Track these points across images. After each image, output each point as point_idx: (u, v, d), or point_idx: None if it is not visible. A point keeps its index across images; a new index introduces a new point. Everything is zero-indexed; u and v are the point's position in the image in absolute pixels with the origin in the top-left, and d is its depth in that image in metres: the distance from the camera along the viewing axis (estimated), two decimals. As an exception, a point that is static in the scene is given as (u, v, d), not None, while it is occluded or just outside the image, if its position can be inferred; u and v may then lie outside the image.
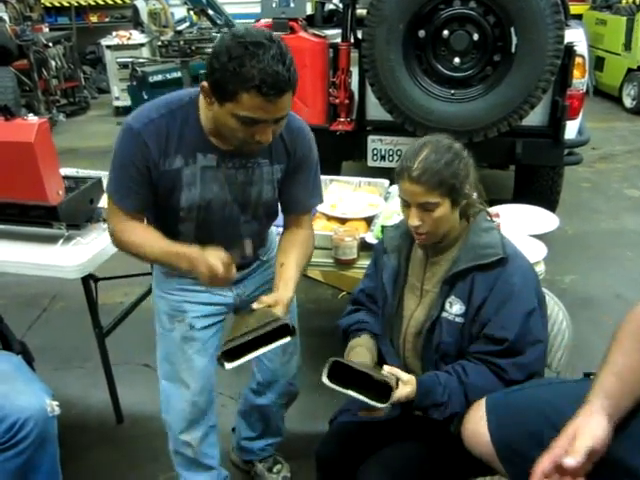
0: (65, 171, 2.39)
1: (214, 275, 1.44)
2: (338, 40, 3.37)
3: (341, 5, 3.61)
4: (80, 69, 8.54)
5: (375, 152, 3.44)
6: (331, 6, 4.64)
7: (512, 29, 2.84)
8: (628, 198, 4.91)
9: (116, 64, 7.61)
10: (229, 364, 1.41)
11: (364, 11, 3.10)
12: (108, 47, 7.86)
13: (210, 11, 6.56)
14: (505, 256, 1.47)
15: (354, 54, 3.29)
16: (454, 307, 1.50)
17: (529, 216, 2.37)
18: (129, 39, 7.84)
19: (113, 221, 1.60)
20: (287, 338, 1.45)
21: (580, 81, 3.28)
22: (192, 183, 1.54)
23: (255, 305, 1.51)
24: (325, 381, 1.42)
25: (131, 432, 2.50)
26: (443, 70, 3.03)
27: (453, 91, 3.03)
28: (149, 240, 1.57)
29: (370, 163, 3.49)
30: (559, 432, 1.22)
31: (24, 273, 2.13)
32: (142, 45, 7.81)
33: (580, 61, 3.23)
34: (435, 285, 1.56)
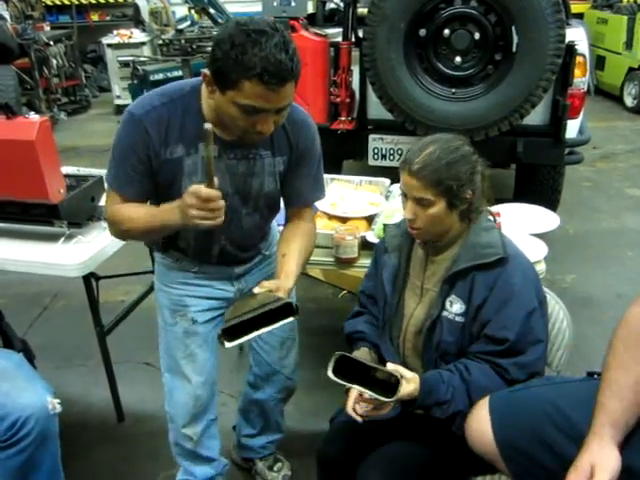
0: (66, 169, 2.39)
1: (199, 200, 1.33)
2: (339, 39, 3.38)
3: (342, 4, 3.61)
4: (81, 68, 8.54)
5: (376, 151, 3.44)
6: (332, 5, 4.65)
7: (513, 28, 2.84)
8: (629, 197, 4.91)
9: (117, 63, 7.61)
10: (229, 343, 1.39)
11: (365, 10, 3.10)
12: (109, 46, 7.88)
13: (211, 10, 6.55)
14: (505, 256, 1.47)
15: (355, 53, 3.30)
16: (454, 306, 1.50)
17: (530, 215, 2.37)
18: (130, 38, 7.86)
19: (108, 206, 1.58)
20: (290, 318, 1.43)
21: (581, 80, 3.28)
22: (193, 172, 1.53)
23: (256, 289, 1.48)
24: (331, 375, 1.42)
25: (132, 430, 2.51)
26: (444, 69, 3.03)
27: (454, 90, 3.04)
28: (138, 209, 1.54)
29: (371, 162, 3.49)
30: (562, 432, 1.23)
31: (25, 271, 2.13)
32: (143, 44, 7.83)
33: (581, 60, 3.23)
34: (435, 284, 1.56)
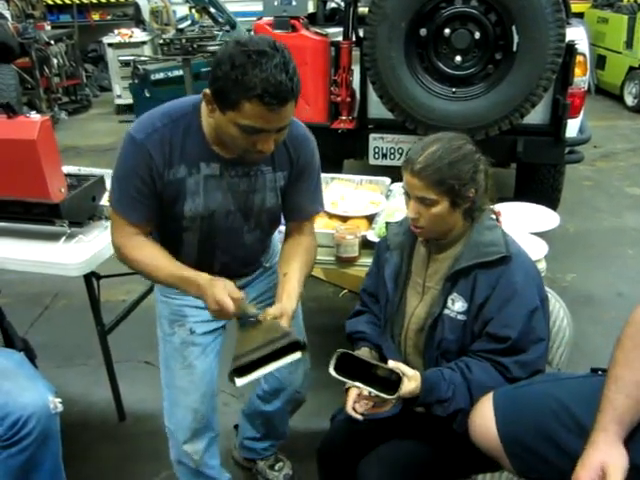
0: (67, 169, 2.39)
1: (222, 310, 1.42)
2: (340, 38, 3.38)
3: (343, 3, 3.61)
4: (82, 67, 8.54)
5: (376, 150, 3.44)
6: (333, 4, 4.65)
7: (513, 27, 2.84)
8: (629, 196, 4.91)
9: (118, 62, 7.58)
10: (240, 380, 1.40)
11: (366, 9, 3.10)
12: (110, 45, 7.89)
13: (212, 9, 6.54)
14: (508, 254, 1.47)
15: (356, 52, 3.30)
16: (456, 304, 1.50)
17: (530, 214, 2.37)
18: (131, 37, 7.87)
19: (118, 236, 1.56)
20: (298, 354, 1.43)
21: (581, 79, 3.28)
22: (195, 192, 1.52)
23: (261, 316, 1.47)
24: (332, 372, 1.42)
25: (133, 429, 2.51)
26: (444, 68, 3.04)
27: (454, 89, 3.04)
28: (156, 260, 1.54)
29: (371, 161, 3.48)
30: (566, 428, 1.24)
31: (26, 270, 2.13)
32: (144, 43, 7.84)
33: (581, 59, 3.22)
34: (437, 282, 1.56)
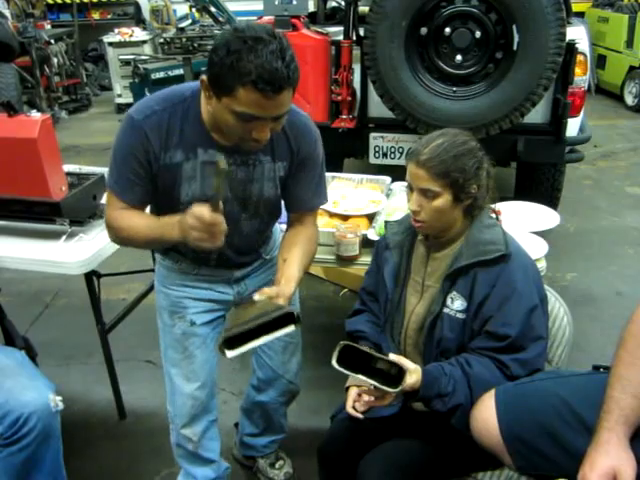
0: (68, 167, 2.39)
1: (202, 224, 1.35)
2: (340, 37, 3.37)
3: (343, 2, 3.61)
4: (82, 66, 8.54)
5: (377, 149, 3.44)
6: (333, 3, 4.65)
7: (514, 27, 2.85)
8: (629, 196, 4.91)
9: (118, 61, 7.61)
10: (230, 352, 1.36)
11: (366, 8, 3.10)
12: (110, 44, 7.89)
13: (212, 8, 6.55)
14: (507, 253, 1.47)
15: (356, 51, 3.29)
16: (455, 303, 1.51)
17: (530, 213, 2.37)
18: (131, 36, 7.86)
19: (109, 211, 1.57)
20: (291, 326, 1.40)
21: (582, 79, 3.28)
22: (192, 178, 1.53)
23: (256, 297, 1.45)
24: (335, 365, 1.42)
25: (133, 428, 2.52)
26: (445, 67, 3.04)
27: (455, 88, 3.04)
28: (138, 220, 1.54)
29: (372, 160, 3.48)
30: (568, 425, 1.25)
31: (27, 269, 2.13)
32: (144, 42, 7.83)
33: (582, 59, 3.22)
34: (437, 280, 1.56)
